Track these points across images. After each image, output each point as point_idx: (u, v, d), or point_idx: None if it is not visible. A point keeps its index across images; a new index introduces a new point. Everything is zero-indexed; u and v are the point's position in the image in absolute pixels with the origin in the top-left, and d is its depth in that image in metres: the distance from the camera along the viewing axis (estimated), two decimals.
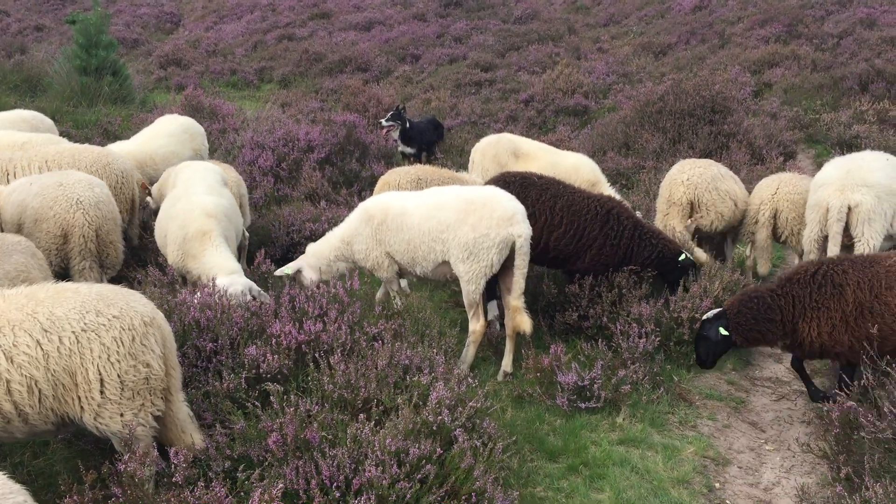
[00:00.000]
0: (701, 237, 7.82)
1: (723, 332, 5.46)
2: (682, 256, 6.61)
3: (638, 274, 6.63)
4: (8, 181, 6.91)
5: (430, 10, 30.04)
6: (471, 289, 5.84)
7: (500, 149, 8.80)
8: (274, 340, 5.03)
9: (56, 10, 35.04)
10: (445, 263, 5.95)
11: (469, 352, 5.98)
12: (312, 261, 6.39)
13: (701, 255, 7.24)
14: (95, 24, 14.55)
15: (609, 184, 8.93)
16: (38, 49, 22.83)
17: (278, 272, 6.31)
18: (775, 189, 7.72)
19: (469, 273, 5.78)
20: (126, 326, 3.82)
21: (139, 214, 7.60)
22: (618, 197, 8.35)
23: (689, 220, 7.53)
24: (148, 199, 7.95)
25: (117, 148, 8.65)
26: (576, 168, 8.73)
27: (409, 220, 5.98)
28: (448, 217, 5.81)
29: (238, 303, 5.30)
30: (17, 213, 6.12)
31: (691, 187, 7.48)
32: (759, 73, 16.87)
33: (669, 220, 7.60)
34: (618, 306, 6.40)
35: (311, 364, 4.93)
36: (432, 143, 12.91)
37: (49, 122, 9.37)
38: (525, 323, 5.85)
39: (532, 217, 6.49)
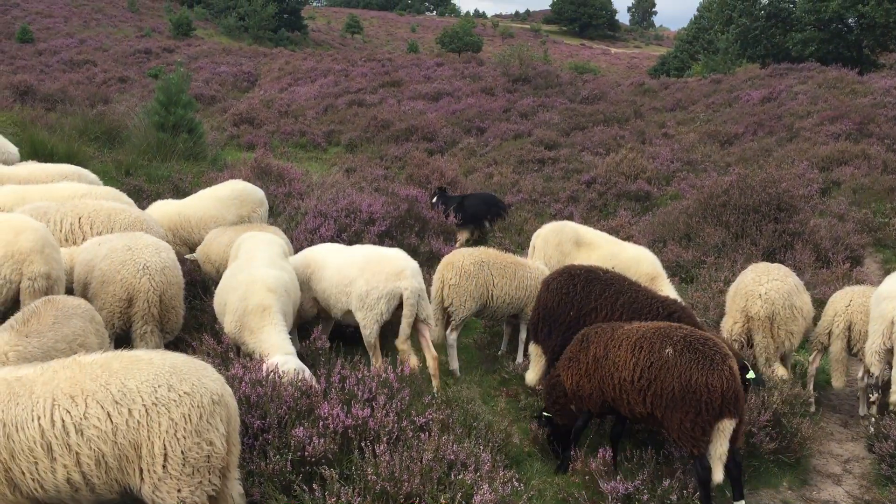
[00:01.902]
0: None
1: (546, 414, 6.21)
2: (749, 374, 6.38)
3: None
4: None
5: (498, 84, 30.58)
6: (366, 333, 6.81)
7: (563, 237, 8.82)
8: (321, 423, 5.03)
9: (140, 64, 36.65)
10: (351, 312, 6.91)
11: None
12: None
13: (782, 371, 7.09)
14: (176, 83, 15.15)
15: (668, 279, 8.79)
16: (119, 100, 23.85)
17: None
18: (848, 301, 7.61)
19: (363, 320, 6.77)
20: (196, 403, 3.86)
21: None
22: (675, 293, 8.28)
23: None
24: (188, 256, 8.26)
25: (161, 207, 8.93)
26: (636, 260, 8.66)
27: (326, 273, 7.12)
28: (351, 273, 6.89)
29: (289, 380, 5.32)
30: (84, 273, 6.29)
31: (769, 302, 7.31)
32: (827, 170, 16.62)
33: (752, 334, 7.43)
34: None
35: (357, 451, 4.90)
36: (482, 219, 13.09)
37: (93, 177, 9.34)
38: (413, 360, 6.79)
39: (594, 311, 6.60)
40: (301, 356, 6.42)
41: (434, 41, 72.77)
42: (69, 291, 6.62)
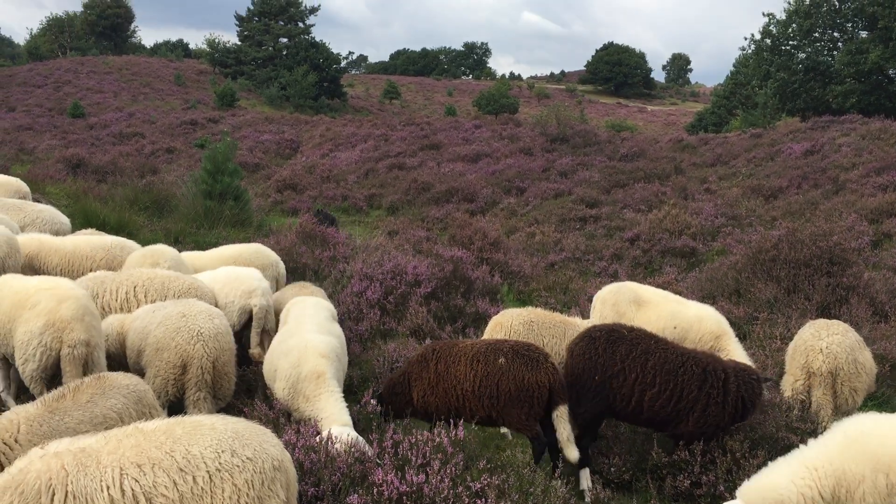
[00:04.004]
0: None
1: (373, 401, 6.70)
2: None
3: (753, 440, 6.27)
4: (96, 302, 7.18)
5: (536, 144, 30.82)
6: None
7: (619, 297, 8.73)
8: (375, 490, 4.94)
9: (187, 134, 37.67)
10: None
11: None
12: None
13: None
14: (223, 152, 15.53)
15: (736, 337, 8.57)
16: (167, 170, 24.49)
17: None
18: None
19: None
20: (258, 469, 3.83)
21: None
22: (742, 351, 8.13)
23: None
24: None
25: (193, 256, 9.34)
26: (699, 319, 8.47)
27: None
28: (217, 290, 8.00)
29: (345, 448, 5.25)
30: (138, 340, 6.35)
31: (831, 356, 7.10)
32: (877, 222, 16.30)
33: (811, 391, 7.21)
34: (734, 475, 6.03)
35: None
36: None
37: (132, 245, 9.38)
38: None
39: (621, 374, 6.30)
40: (353, 421, 6.37)
41: (471, 104, 73.98)
42: (117, 362, 6.70)
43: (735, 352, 8.21)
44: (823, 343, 7.16)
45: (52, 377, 6.06)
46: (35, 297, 6.11)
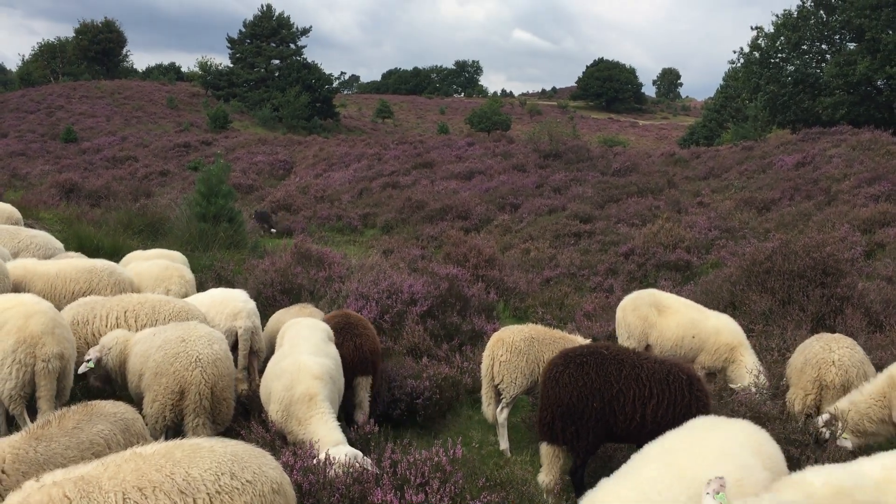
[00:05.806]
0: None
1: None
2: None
3: None
4: (87, 328, 7.26)
5: (529, 161, 30.89)
6: None
7: (639, 302, 9.06)
8: None
9: (180, 157, 37.71)
10: None
11: None
12: None
13: (847, 444, 6.88)
14: (216, 174, 15.55)
15: (750, 347, 8.66)
16: (161, 193, 24.50)
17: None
18: None
19: None
20: (257, 492, 3.83)
21: None
22: (755, 361, 8.36)
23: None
24: None
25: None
26: (716, 331, 8.67)
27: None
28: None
29: (342, 468, 5.23)
30: (139, 364, 6.33)
31: (843, 369, 7.13)
32: (869, 232, 16.37)
33: (821, 405, 7.23)
34: None
35: None
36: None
37: (119, 269, 9.25)
38: (242, 385, 7.85)
39: (620, 394, 6.17)
40: (350, 441, 6.34)
41: (463, 122, 74.24)
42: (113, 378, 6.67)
43: (748, 361, 8.36)
44: (835, 356, 7.20)
45: (32, 396, 6.09)
46: (2, 317, 6.14)
